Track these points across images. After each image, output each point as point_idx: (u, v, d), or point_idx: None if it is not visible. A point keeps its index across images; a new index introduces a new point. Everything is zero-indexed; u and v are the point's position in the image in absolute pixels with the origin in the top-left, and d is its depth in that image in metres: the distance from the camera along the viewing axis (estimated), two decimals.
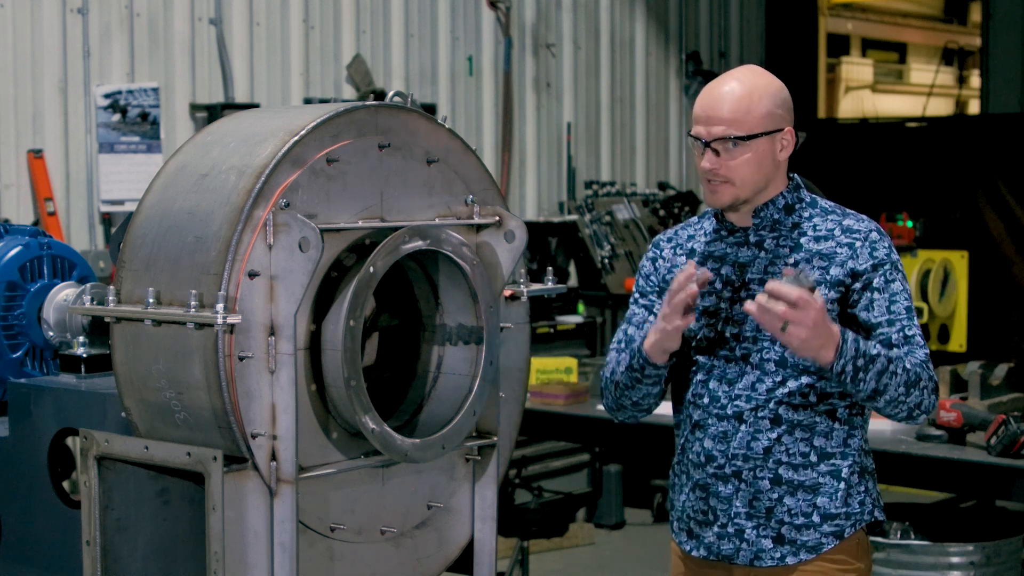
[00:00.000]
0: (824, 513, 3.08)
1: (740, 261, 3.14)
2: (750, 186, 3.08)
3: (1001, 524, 5.00)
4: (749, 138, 3.04)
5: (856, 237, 3.08)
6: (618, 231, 9.32)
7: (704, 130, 3.06)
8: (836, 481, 3.09)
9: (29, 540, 3.54)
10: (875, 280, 3.05)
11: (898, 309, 3.05)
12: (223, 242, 2.84)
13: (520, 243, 3.21)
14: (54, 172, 6.96)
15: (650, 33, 10.31)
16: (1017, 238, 10.00)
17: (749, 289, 3.10)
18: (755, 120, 3.04)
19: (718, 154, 3.05)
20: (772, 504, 3.09)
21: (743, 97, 3.05)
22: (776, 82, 3.12)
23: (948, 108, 16.45)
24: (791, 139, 3.10)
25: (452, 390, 3.20)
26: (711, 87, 3.11)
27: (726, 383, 3.11)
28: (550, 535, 7.22)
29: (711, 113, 3.06)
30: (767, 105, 3.06)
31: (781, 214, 3.13)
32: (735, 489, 3.11)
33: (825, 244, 3.09)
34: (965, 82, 16.19)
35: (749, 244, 3.15)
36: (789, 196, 3.15)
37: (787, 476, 3.08)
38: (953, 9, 17.99)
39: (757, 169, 3.07)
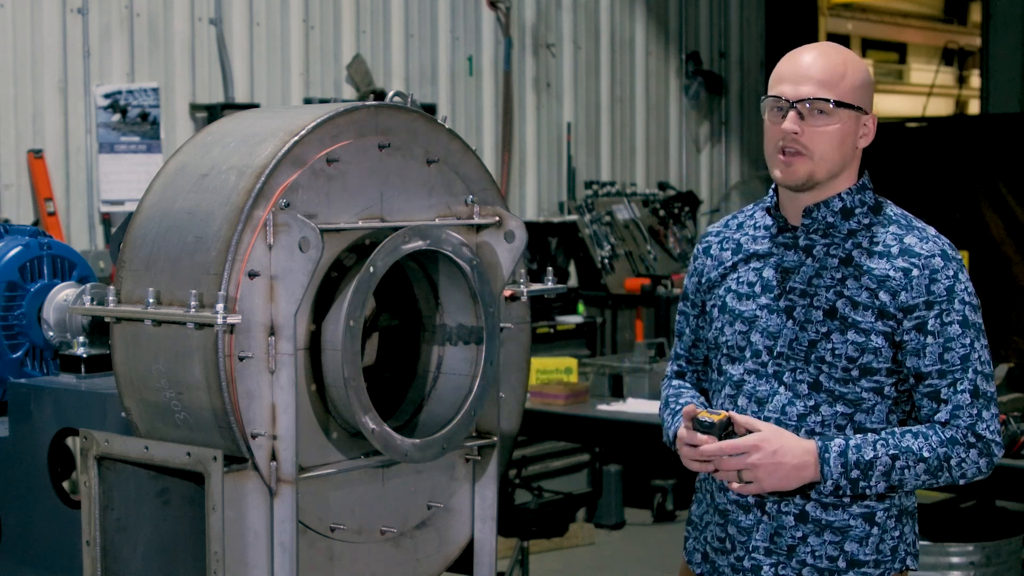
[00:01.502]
0: (851, 559, 2.80)
1: (784, 265, 2.84)
2: (828, 164, 2.77)
3: (1001, 524, 5.00)
4: (839, 105, 2.74)
5: (914, 262, 2.75)
6: (618, 231, 9.32)
7: (791, 89, 2.76)
8: (869, 525, 2.80)
9: (29, 540, 3.54)
10: (930, 321, 2.73)
11: (952, 358, 2.74)
12: (223, 242, 2.84)
13: (520, 243, 3.20)
14: (54, 172, 6.96)
15: (650, 33, 10.31)
16: (1017, 238, 9.99)
17: (790, 298, 2.81)
18: (847, 89, 2.75)
19: (802, 118, 2.75)
20: (795, 542, 2.80)
21: (838, 63, 2.77)
22: (867, 67, 2.85)
23: (948, 108, 16.45)
24: (872, 129, 2.82)
25: (452, 390, 3.20)
26: (799, 51, 2.82)
27: (755, 402, 2.83)
28: (550, 535, 7.22)
29: (802, 71, 2.76)
30: (861, 79, 2.78)
31: (837, 217, 2.81)
32: (756, 521, 2.83)
33: (879, 263, 2.76)
34: (965, 82, 16.19)
35: (798, 247, 2.84)
36: (849, 199, 2.82)
37: (815, 514, 2.79)
38: (953, 9, 17.99)
39: (839, 146, 2.77)
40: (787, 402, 2.80)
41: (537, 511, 7.49)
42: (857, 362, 2.76)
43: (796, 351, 2.80)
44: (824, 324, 2.77)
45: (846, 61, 2.78)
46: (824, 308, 2.78)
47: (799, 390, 2.79)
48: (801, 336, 2.79)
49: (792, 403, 2.80)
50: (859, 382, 2.77)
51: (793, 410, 2.79)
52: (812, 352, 2.78)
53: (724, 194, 10.97)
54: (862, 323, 2.75)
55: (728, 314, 2.89)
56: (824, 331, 2.77)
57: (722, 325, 2.90)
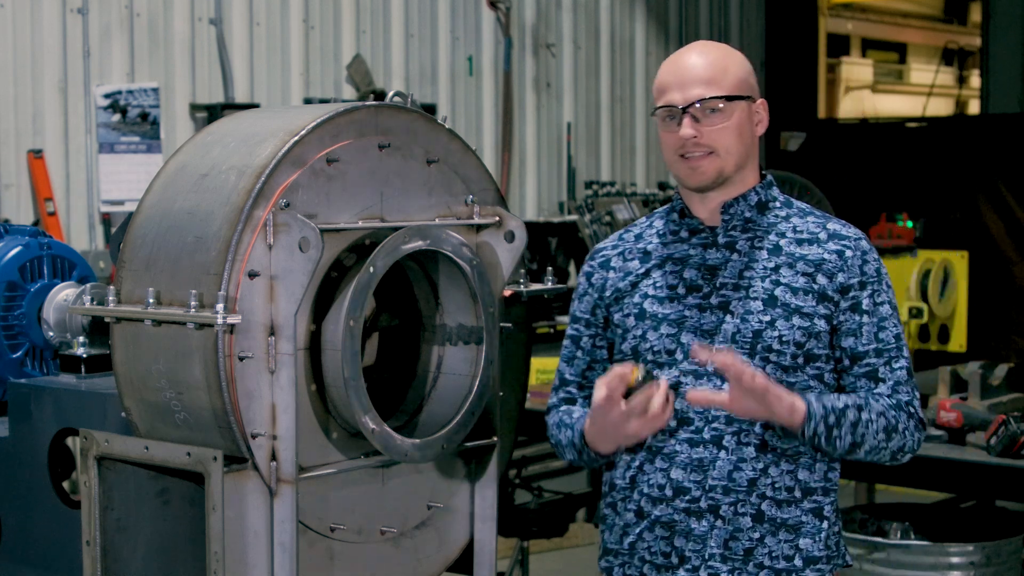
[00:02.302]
0: (807, 556, 2.76)
1: (708, 264, 2.81)
2: (734, 157, 2.77)
3: (1001, 524, 4.99)
4: (731, 99, 2.76)
5: (846, 244, 2.78)
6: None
7: (679, 95, 2.76)
8: (819, 520, 2.78)
9: (29, 540, 3.54)
10: (864, 301, 2.76)
11: (887, 337, 2.76)
12: (223, 242, 2.84)
13: (520, 243, 3.20)
14: (54, 172, 6.96)
15: (650, 33, 10.31)
16: (1017, 238, 9.99)
17: (722, 294, 2.77)
18: (733, 81, 2.78)
19: (697, 121, 2.75)
20: (752, 545, 2.74)
21: (718, 58, 2.80)
22: (740, 53, 2.88)
23: (948, 108, 16.45)
24: (765, 114, 2.85)
25: (452, 390, 3.20)
26: (676, 55, 2.84)
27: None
28: (550, 535, 7.20)
29: (685, 76, 2.77)
30: (742, 70, 2.82)
31: (754, 212, 2.82)
32: (710, 526, 2.74)
33: (810, 248, 2.78)
34: (965, 82, 16.19)
35: (718, 245, 2.81)
36: (763, 193, 2.84)
37: (770, 513, 2.74)
38: (953, 9, 17.99)
39: (739, 138, 2.77)
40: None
41: (537, 511, 7.49)
42: (804, 348, 2.74)
43: (740, 344, 2.74)
44: (766, 312, 2.75)
45: (725, 55, 2.81)
46: (763, 298, 2.76)
47: None
48: (744, 328, 2.75)
49: None
50: (804, 369, 2.76)
51: None
52: (758, 342, 2.74)
53: None
54: (804, 308, 2.74)
55: (649, 319, 2.82)
56: (767, 319, 2.74)
57: (644, 331, 2.82)
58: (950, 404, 4.72)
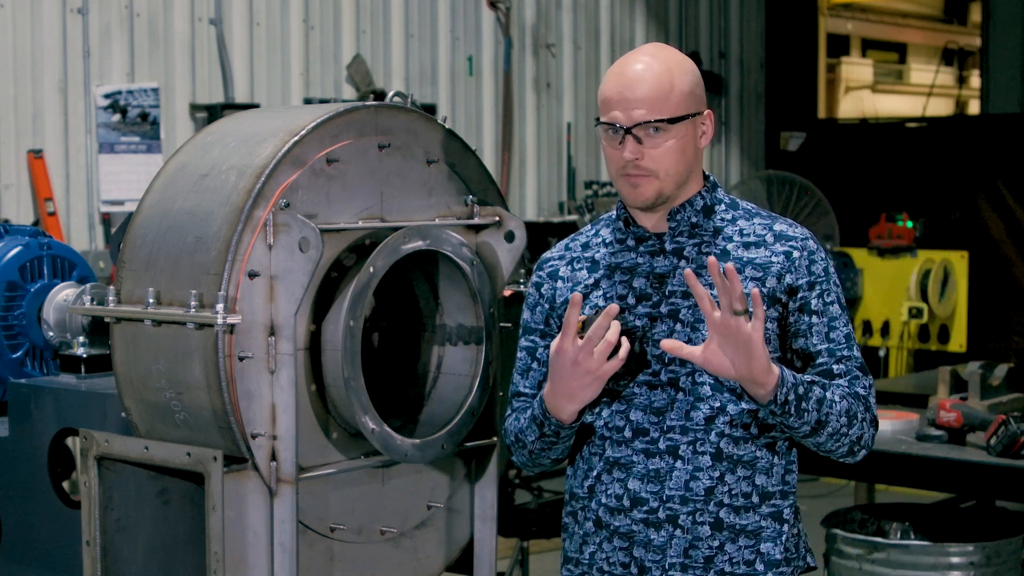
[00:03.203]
0: (768, 560, 2.74)
1: (657, 272, 2.74)
2: (674, 178, 2.70)
3: (1001, 524, 4.99)
4: (674, 121, 2.66)
5: (793, 245, 2.73)
6: None
7: (622, 115, 2.66)
8: (778, 524, 2.76)
9: (29, 540, 3.54)
10: (813, 301, 2.71)
11: (837, 336, 2.73)
12: (223, 242, 2.84)
13: (520, 243, 3.21)
14: (54, 172, 6.96)
15: (650, 33, 10.31)
16: (1017, 238, 9.99)
17: (671, 303, 2.72)
18: (678, 100, 2.67)
19: (640, 142, 2.67)
20: (712, 552, 2.72)
21: (663, 74, 2.67)
22: (689, 59, 2.75)
23: (948, 108, 16.45)
24: (710, 125, 2.75)
25: (452, 390, 3.20)
26: (622, 65, 2.72)
27: (653, 413, 2.70)
28: (550, 535, 7.20)
29: (629, 94, 2.66)
30: (688, 83, 2.69)
31: (700, 217, 2.76)
32: (669, 536, 2.72)
33: (758, 252, 2.73)
34: (965, 82, 16.19)
35: (666, 252, 2.75)
36: (708, 197, 2.77)
37: (729, 520, 2.72)
38: (953, 9, 17.99)
39: (681, 158, 2.70)
40: (689, 407, 2.70)
41: (537, 511, 7.49)
42: None
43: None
44: None
45: (670, 69, 2.69)
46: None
47: (701, 392, 2.70)
48: (694, 337, 2.69)
49: (696, 407, 2.70)
50: None
51: (698, 414, 2.70)
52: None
53: None
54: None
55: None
56: None
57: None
58: (950, 404, 4.72)
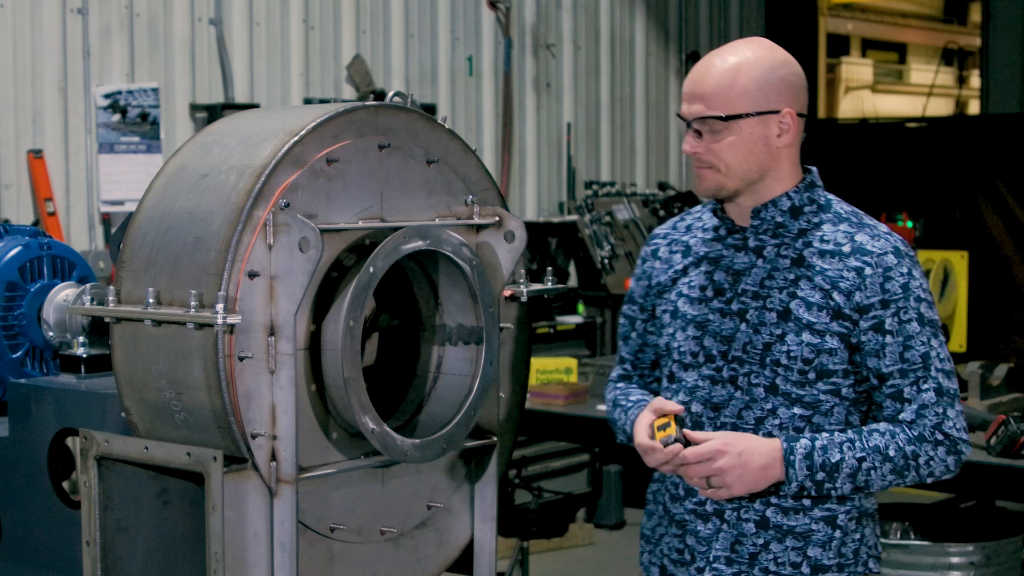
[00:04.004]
0: (815, 564, 2.74)
1: (735, 268, 2.78)
2: (738, 175, 2.72)
3: (1001, 524, 5.00)
4: (730, 118, 2.68)
5: (867, 261, 2.69)
6: (618, 231, 9.32)
7: (686, 107, 2.73)
8: (831, 529, 2.75)
9: (29, 540, 3.54)
10: (887, 320, 2.67)
11: (913, 356, 2.68)
12: (223, 242, 2.84)
13: (520, 243, 3.20)
14: (54, 172, 6.96)
15: (650, 33, 10.31)
16: (1017, 238, 10.00)
17: (742, 301, 2.76)
18: (739, 98, 2.68)
19: (700, 135, 2.71)
20: (756, 550, 2.74)
21: (728, 71, 2.69)
22: (779, 57, 2.75)
23: (948, 108, 16.45)
24: (792, 124, 2.73)
25: (452, 390, 3.20)
26: (701, 61, 2.76)
27: (711, 407, 2.78)
28: (550, 535, 7.22)
29: (692, 89, 2.72)
30: (758, 81, 2.69)
31: (786, 217, 2.76)
32: (716, 529, 2.77)
33: (831, 263, 2.71)
34: (965, 82, 16.19)
35: (747, 249, 2.78)
36: (797, 197, 2.77)
37: (775, 520, 2.74)
38: (953, 9, 18.00)
39: (746, 156, 2.70)
40: (743, 406, 2.75)
41: (537, 511, 7.49)
42: (812, 364, 2.71)
43: (751, 354, 2.74)
44: (778, 326, 2.72)
45: (740, 67, 2.69)
46: (778, 310, 2.73)
47: (755, 394, 2.74)
48: (755, 339, 2.74)
49: (749, 407, 2.74)
50: (816, 384, 2.72)
51: (750, 415, 2.74)
52: (767, 355, 2.73)
53: None
54: (817, 324, 2.70)
55: (680, 319, 2.83)
56: (779, 333, 2.72)
57: (674, 331, 2.84)
58: None
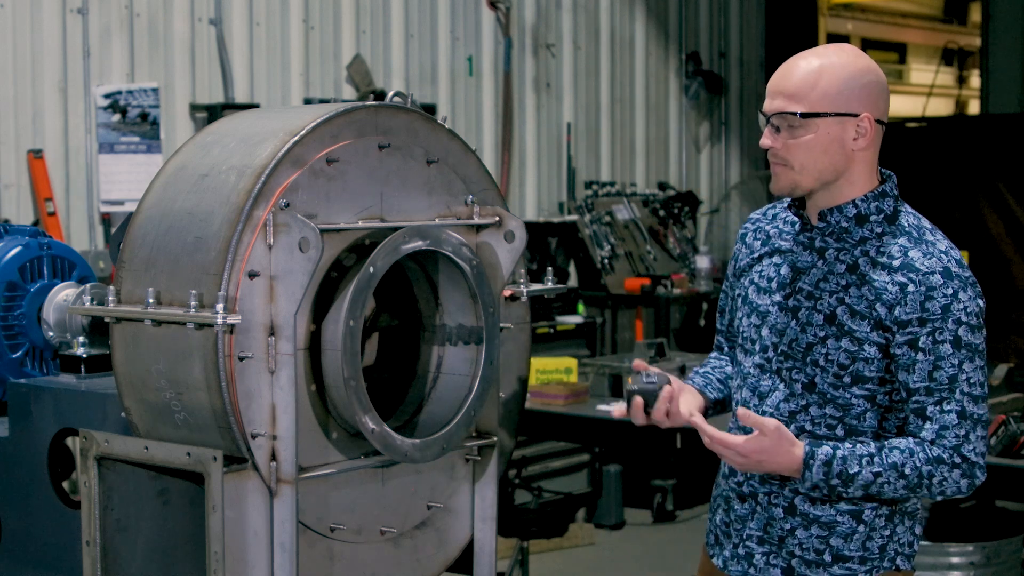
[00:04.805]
0: (836, 554, 2.84)
1: (799, 265, 2.87)
2: (812, 174, 2.78)
3: (1001, 524, 5.00)
4: (809, 116, 2.74)
5: (912, 278, 2.74)
6: (618, 231, 9.32)
7: (767, 103, 2.80)
8: (855, 522, 2.83)
9: (29, 540, 3.54)
10: (922, 338, 2.72)
11: (941, 377, 2.72)
12: (223, 242, 2.84)
13: (520, 243, 3.20)
14: (54, 172, 6.96)
15: (650, 33, 10.31)
16: (1017, 238, 10.00)
17: (797, 299, 2.85)
18: (820, 97, 2.74)
19: (778, 131, 2.78)
20: (784, 534, 2.87)
21: (813, 72, 2.75)
22: (865, 64, 2.79)
23: (948, 108, 16.45)
24: (870, 128, 2.76)
25: (452, 390, 3.20)
26: (788, 61, 2.83)
27: (757, 395, 2.90)
28: (550, 535, 7.22)
29: (775, 86, 2.79)
30: (840, 84, 2.75)
31: (851, 223, 2.82)
32: (751, 510, 2.92)
33: (880, 275, 2.76)
34: (965, 82, 16.19)
35: (813, 249, 2.86)
36: (864, 205, 2.81)
37: (803, 508, 2.85)
38: (953, 9, 18.00)
39: (821, 155, 2.76)
40: (783, 399, 2.86)
41: (537, 511, 7.49)
42: (848, 369, 2.79)
43: (795, 351, 2.85)
44: (823, 329, 2.81)
45: (822, 68, 2.75)
46: (825, 313, 2.82)
47: (795, 388, 2.85)
48: (801, 337, 2.84)
49: (788, 400, 2.86)
50: (850, 388, 2.80)
51: (787, 407, 2.86)
52: (808, 355, 2.83)
53: (724, 194, 10.97)
54: (857, 332, 2.78)
55: (747, 306, 2.96)
56: (822, 336, 2.82)
57: (742, 316, 2.98)
58: None
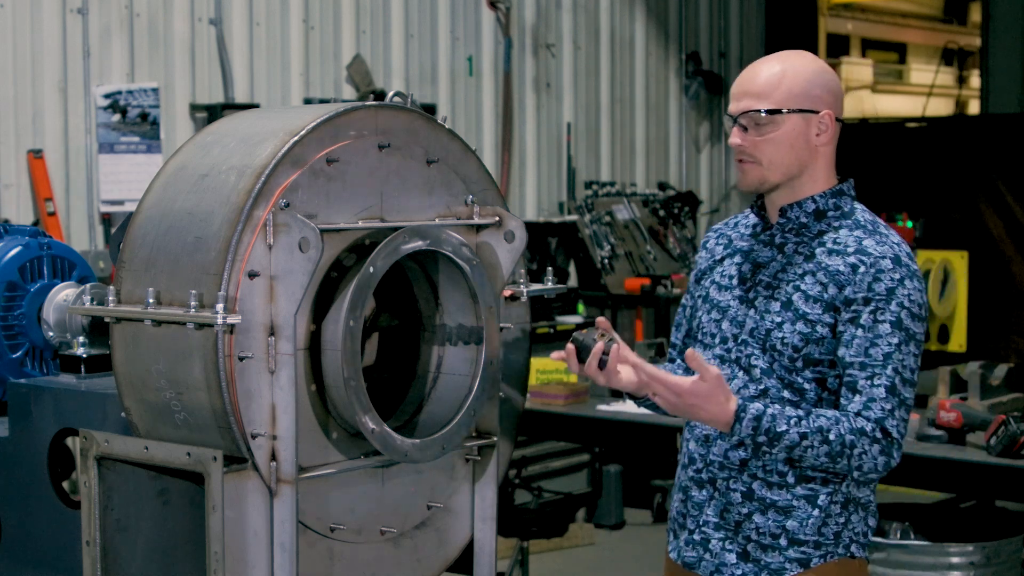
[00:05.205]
0: (792, 537, 2.93)
1: (759, 260, 3.02)
2: (779, 169, 2.94)
3: (1001, 524, 5.00)
4: (775, 112, 2.90)
5: (863, 260, 2.88)
6: (618, 231, 9.32)
7: (734, 104, 2.95)
8: (811, 507, 2.93)
9: (29, 540, 3.54)
10: (863, 316, 2.86)
11: (876, 353, 2.84)
12: (223, 242, 2.84)
13: (520, 243, 3.20)
14: (54, 172, 6.96)
15: (650, 33, 10.31)
16: (1017, 238, 10.00)
17: (756, 290, 2.99)
18: (785, 95, 2.91)
19: (746, 130, 2.93)
20: (741, 519, 2.96)
21: (776, 74, 2.93)
22: (822, 65, 2.98)
23: (948, 108, 16.45)
24: (831, 125, 2.95)
25: (452, 390, 3.20)
26: (750, 66, 3.01)
27: None
28: (550, 535, 7.21)
29: (742, 87, 2.95)
30: (803, 83, 2.92)
31: (810, 219, 2.98)
32: (708, 496, 3.00)
33: (835, 260, 2.91)
34: (965, 82, 16.20)
35: (772, 244, 3.01)
36: (822, 201, 2.97)
37: (760, 493, 2.94)
38: (953, 9, 18.00)
39: (788, 150, 2.93)
40: (743, 385, 2.97)
41: (537, 511, 7.49)
42: (801, 352, 2.91)
43: (756, 338, 2.97)
44: (779, 314, 2.94)
45: (785, 70, 2.93)
46: (782, 300, 2.95)
47: (754, 374, 2.96)
48: (760, 325, 2.96)
49: (747, 386, 2.97)
50: (803, 372, 2.92)
51: (747, 392, 2.96)
52: (767, 340, 2.95)
53: (724, 194, 10.97)
54: (810, 315, 2.91)
55: (708, 303, 3.08)
56: (779, 320, 2.94)
57: (702, 314, 3.10)
58: (950, 404, 4.72)
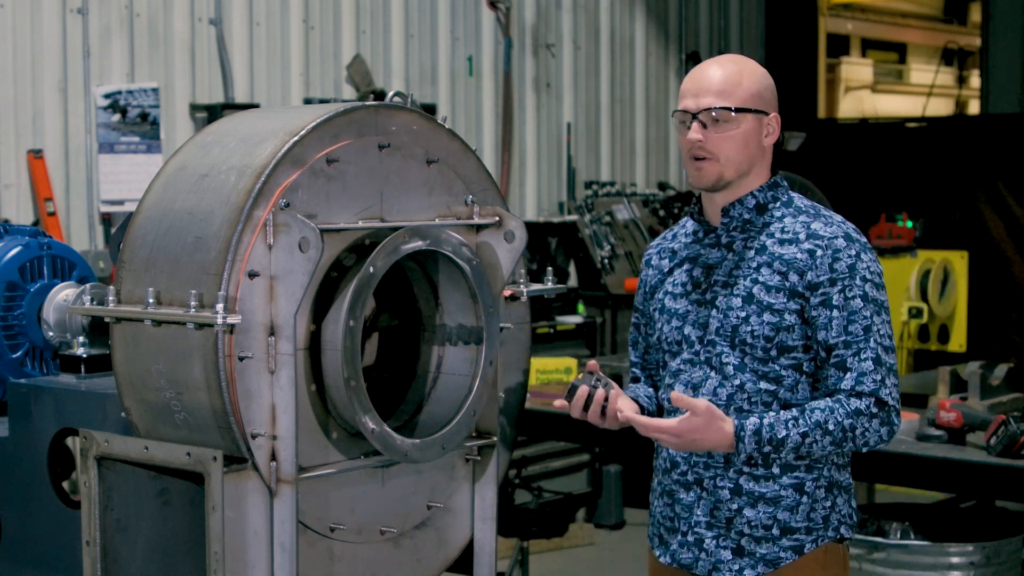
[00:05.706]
0: (784, 527, 3.02)
1: (709, 263, 3.10)
2: (734, 165, 3.03)
3: (1001, 524, 5.00)
4: (738, 111, 3.01)
5: (818, 244, 2.99)
6: (618, 231, 9.32)
7: (693, 102, 3.03)
8: (798, 495, 3.02)
9: (29, 540, 3.55)
10: (833, 296, 2.96)
11: (855, 329, 2.96)
12: (223, 242, 2.84)
13: (520, 243, 3.21)
14: (54, 172, 6.96)
15: (650, 33, 10.31)
16: (1017, 238, 10.00)
17: (714, 291, 3.07)
18: (744, 95, 3.02)
19: (705, 127, 3.02)
20: (732, 515, 3.03)
21: (734, 73, 3.04)
22: (763, 68, 3.11)
23: (948, 108, 16.45)
24: (776, 127, 3.08)
25: (452, 390, 3.20)
26: (699, 66, 3.11)
27: (691, 387, 3.07)
28: (550, 535, 7.21)
29: (701, 86, 3.04)
30: (756, 85, 3.04)
31: (752, 214, 3.07)
32: (697, 497, 3.06)
33: (788, 248, 3.01)
34: (965, 82, 16.19)
35: (720, 245, 3.10)
36: (761, 195, 3.08)
37: (748, 487, 3.02)
38: (953, 9, 18.00)
39: (743, 148, 3.03)
40: (718, 384, 3.04)
41: (537, 511, 7.49)
42: (774, 341, 3.00)
43: (723, 336, 3.04)
44: (743, 309, 3.02)
45: (742, 71, 3.06)
46: (743, 295, 3.03)
47: (726, 372, 3.03)
48: (724, 323, 3.04)
49: (722, 384, 3.04)
50: (778, 360, 3.01)
51: (723, 391, 3.03)
52: (736, 336, 3.02)
53: None
54: (776, 304, 3.00)
55: (666, 314, 3.15)
56: (743, 315, 3.02)
57: (661, 324, 3.16)
58: (950, 404, 4.72)
